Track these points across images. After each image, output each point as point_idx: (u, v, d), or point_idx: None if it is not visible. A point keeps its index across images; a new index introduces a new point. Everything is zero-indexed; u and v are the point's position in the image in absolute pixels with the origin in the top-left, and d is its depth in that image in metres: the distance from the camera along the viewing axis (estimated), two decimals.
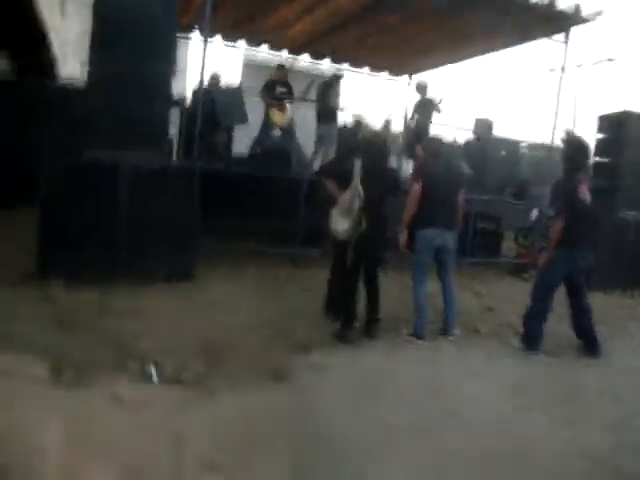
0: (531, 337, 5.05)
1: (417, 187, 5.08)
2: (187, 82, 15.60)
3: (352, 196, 4.71)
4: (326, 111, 8.90)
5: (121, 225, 5.24)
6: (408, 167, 8.85)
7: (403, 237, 5.17)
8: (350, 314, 4.88)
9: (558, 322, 5.38)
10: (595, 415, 3.81)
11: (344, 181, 4.83)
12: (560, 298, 5.21)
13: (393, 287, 5.94)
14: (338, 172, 5.06)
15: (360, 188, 4.69)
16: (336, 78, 9.09)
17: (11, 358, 3.40)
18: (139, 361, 3.63)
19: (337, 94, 10.70)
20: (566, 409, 3.86)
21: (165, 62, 5.51)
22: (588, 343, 5.11)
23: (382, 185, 5.03)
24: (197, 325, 4.48)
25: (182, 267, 5.64)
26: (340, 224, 4.79)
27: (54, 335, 3.91)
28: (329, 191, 5.05)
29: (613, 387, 4.34)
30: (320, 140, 8.98)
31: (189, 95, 8.70)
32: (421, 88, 9.50)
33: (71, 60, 13.73)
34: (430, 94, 9.60)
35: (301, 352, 4.29)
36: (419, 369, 4.30)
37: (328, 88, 8.85)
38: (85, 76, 5.82)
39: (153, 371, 3.54)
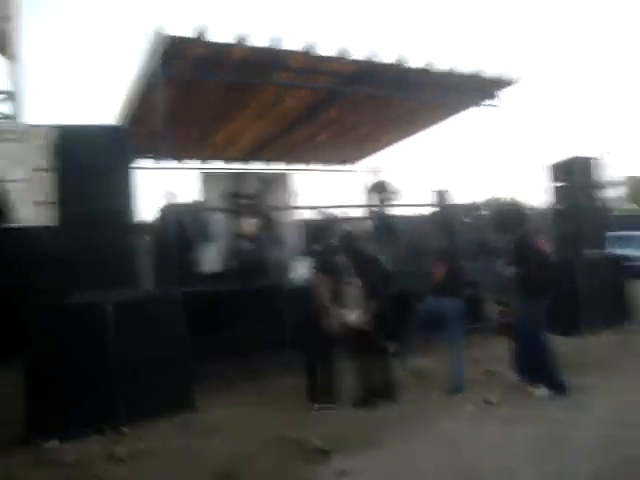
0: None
1: (443, 268, 5.84)
2: (142, 207, 15.73)
3: (352, 290, 5.44)
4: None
5: (112, 365, 5.08)
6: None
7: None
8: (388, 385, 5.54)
9: None
10: None
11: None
12: None
13: None
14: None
15: (354, 282, 5.41)
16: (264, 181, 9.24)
17: None
18: None
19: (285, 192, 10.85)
20: None
21: (127, 196, 5.57)
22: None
23: (373, 273, 5.55)
24: (208, 457, 4.31)
25: (181, 399, 5.46)
26: (349, 316, 5.42)
27: None
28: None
29: None
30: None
31: (150, 219, 8.68)
32: (374, 172, 9.77)
33: (25, 204, 13.79)
34: (382, 177, 9.84)
35: (322, 460, 4.14)
36: (441, 456, 4.17)
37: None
38: (42, 219, 5.82)
39: None
